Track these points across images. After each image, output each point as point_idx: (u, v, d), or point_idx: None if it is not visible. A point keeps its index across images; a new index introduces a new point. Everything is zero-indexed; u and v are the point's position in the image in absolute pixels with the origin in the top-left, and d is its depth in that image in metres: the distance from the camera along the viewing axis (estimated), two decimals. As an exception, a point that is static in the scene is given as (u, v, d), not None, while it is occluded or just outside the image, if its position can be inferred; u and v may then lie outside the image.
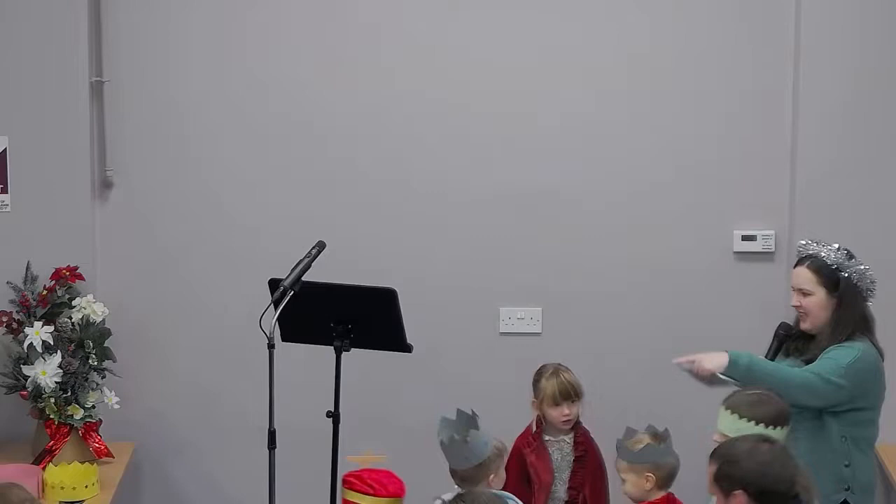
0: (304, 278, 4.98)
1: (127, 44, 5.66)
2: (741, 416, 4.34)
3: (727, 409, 4.39)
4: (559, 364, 5.30)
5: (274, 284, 5.03)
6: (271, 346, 4.83)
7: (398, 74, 5.71)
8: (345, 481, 4.80)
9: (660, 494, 4.78)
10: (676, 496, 4.73)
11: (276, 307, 4.91)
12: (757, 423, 4.30)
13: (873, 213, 5.68)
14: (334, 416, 5.12)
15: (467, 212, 5.78)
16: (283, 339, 5.16)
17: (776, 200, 5.74)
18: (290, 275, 4.97)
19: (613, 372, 5.80)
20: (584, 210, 5.78)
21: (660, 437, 4.81)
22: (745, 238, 5.76)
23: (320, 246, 5.14)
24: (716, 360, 4.69)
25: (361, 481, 4.75)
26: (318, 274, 5.04)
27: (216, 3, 5.68)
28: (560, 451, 5.27)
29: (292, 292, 4.93)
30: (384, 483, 4.74)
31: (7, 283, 5.57)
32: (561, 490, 5.25)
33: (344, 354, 5.11)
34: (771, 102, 5.70)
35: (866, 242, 5.65)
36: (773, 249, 5.74)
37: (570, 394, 5.23)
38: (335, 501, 5.20)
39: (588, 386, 5.68)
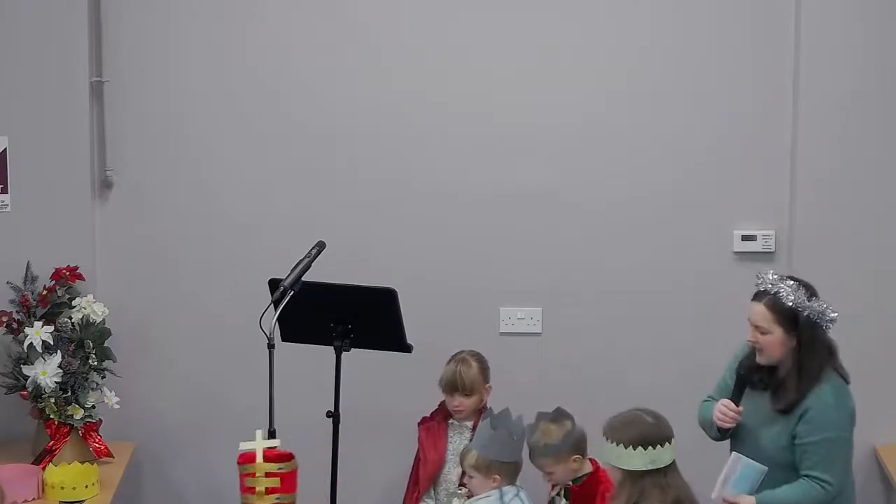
0: (304, 278, 4.98)
1: (127, 44, 5.66)
2: (606, 439, 4.35)
3: (602, 433, 4.41)
4: (471, 352, 5.36)
5: (274, 284, 5.04)
6: (271, 346, 4.84)
7: (398, 74, 5.71)
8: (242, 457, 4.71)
9: (587, 465, 4.86)
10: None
11: (276, 307, 4.92)
12: (617, 445, 4.30)
13: (873, 213, 5.68)
14: (334, 416, 5.13)
15: (467, 212, 5.78)
16: (283, 339, 5.17)
17: (776, 200, 5.73)
18: (290, 275, 4.98)
19: (613, 372, 5.80)
20: (585, 210, 5.78)
21: (559, 417, 4.86)
22: (745, 238, 5.76)
23: (320, 246, 5.15)
24: None
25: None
26: (318, 274, 5.05)
27: (216, 4, 5.68)
28: (461, 435, 5.30)
29: (292, 292, 4.94)
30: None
31: (7, 283, 5.57)
32: (454, 474, 5.26)
33: (344, 354, 5.12)
34: (771, 102, 5.69)
35: (866, 242, 5.67)
36: (773, 249, 5.73)
37: (457, 387, 5.27)
38: (335, 501, 5.21)
39: (588, 385, 5.71)
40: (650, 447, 4.29)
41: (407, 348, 5.15)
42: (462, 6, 5.69)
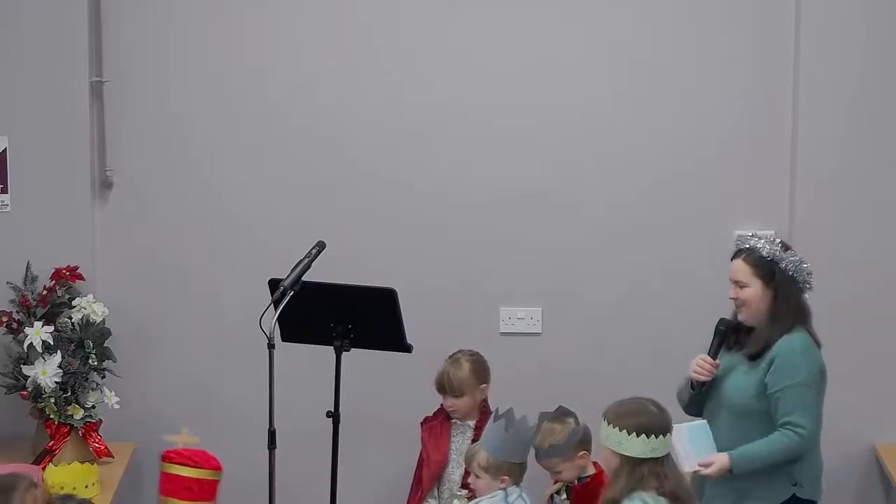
0: (304, 278, 4.98)
1: (127, 44, 5.66)
2: (608, 423, 4.37)
3: (603, 416, 4.42)
4: (467, 352, 5.38)
5: (274, 284, 5.04)
6: (271, 346, 4.84)
7: (398, 75, 5.71)
8: (164, 457, 4.86)
9: (592, 465, 4.86)
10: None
11: (276, 307, 4.91)
12: (620, 430, 4.32)
13: (874, 213, 5.68)
14: (334, 416, 5.13)
15: (467, 212, 5.78)
16: (283, 339, 5.17)
17: (776, 200, 5.74)
18: (290, 275, 4.98)
19: (613, 371, 5.80)
20: (585, 210, 5.78)
21: (562, 415, 4.86)
22: (745, 238, 5.76)
23: (320, 246, 5.15)
24: (719, 467, 4.69)
25: (181, 456, 4.82)
26: (318, 274, 5.05)
27: (216, 4, 5.68)
28: (463, 435, 5.30)
29: (292, 292, 4.94)
30: (204, 458, 4.83)
31: (7, 283, 5.57)
32: (457, 474, 5.26)
33: (344, 354, 5.12)
34: (771, 102, 5.69)
35: (866, 242, 5.67)
36: (773, 249, 5.73)
37: (445, 388, 5.30)
38: (335, 501, 5.21)
39: (588, 386, 5.70)
40: (652, 436, 4.31)
41: (407, 348, 5.15)
42: (462, 6, 5.69)
